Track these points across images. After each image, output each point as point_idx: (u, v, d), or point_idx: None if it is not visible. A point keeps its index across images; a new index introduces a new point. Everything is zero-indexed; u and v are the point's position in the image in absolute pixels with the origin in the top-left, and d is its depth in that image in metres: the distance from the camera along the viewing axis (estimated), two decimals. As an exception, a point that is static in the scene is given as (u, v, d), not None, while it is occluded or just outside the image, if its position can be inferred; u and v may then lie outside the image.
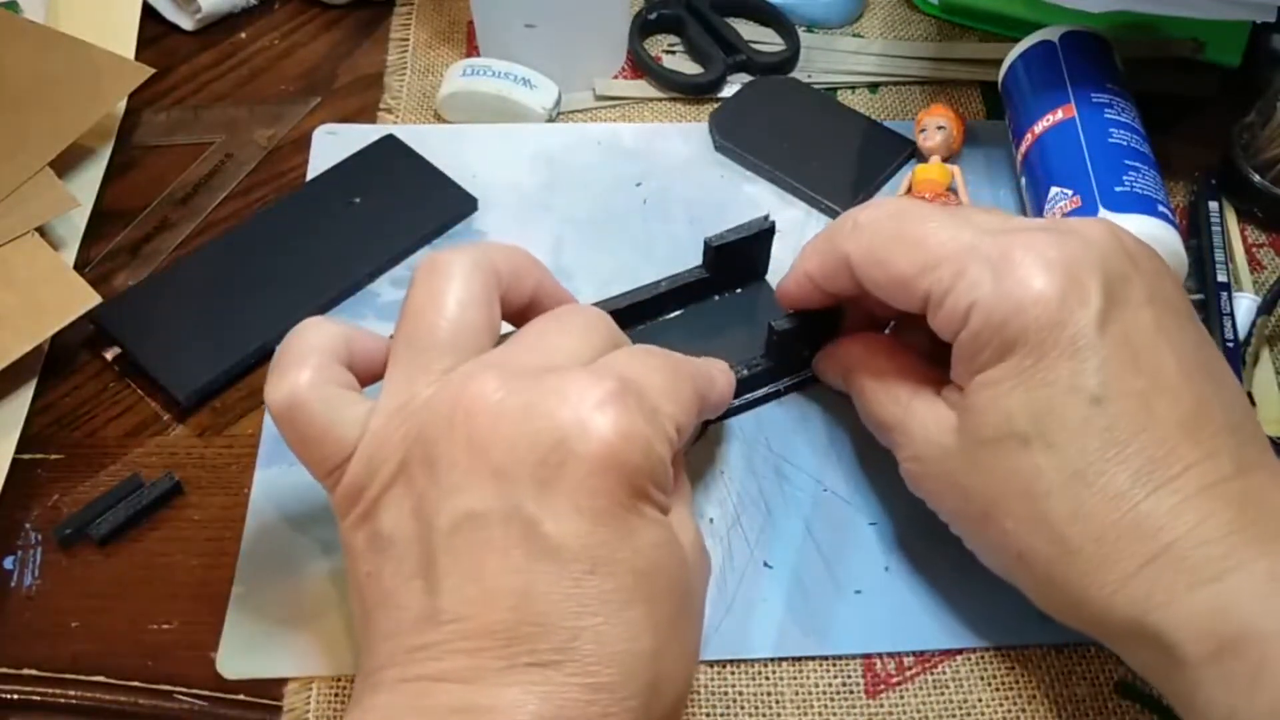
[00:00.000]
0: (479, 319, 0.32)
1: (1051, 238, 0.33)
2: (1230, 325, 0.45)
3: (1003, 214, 0.37)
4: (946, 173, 0.50)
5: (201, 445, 0.42)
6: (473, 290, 0.32)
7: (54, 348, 0.44)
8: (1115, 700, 0.37)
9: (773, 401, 0.43)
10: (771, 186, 0.51)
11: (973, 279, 0.33)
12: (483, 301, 0.32)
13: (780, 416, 0.43)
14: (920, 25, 0.59)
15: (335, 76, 0.56)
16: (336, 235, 0.47)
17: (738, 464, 0.41)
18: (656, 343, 0.43)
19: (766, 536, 0.40)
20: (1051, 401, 0.32)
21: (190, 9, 0.58)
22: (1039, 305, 0.32)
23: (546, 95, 0.52)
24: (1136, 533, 0.31)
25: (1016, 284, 0.32)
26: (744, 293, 0.46)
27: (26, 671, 0.37)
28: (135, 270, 0.48)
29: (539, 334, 0.33)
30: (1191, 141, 0.53)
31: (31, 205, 0.46)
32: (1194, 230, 0.49)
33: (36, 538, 0.39)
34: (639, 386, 0.30)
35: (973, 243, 0.34)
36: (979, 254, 0.33)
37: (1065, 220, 0.34)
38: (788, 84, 0.55)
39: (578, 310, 0.34)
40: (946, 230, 0.34)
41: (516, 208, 0.50)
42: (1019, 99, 0.50)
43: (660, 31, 0.58)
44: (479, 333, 0.32)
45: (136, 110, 0.54)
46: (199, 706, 0.36)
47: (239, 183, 0.51)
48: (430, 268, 0.32)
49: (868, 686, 0.37)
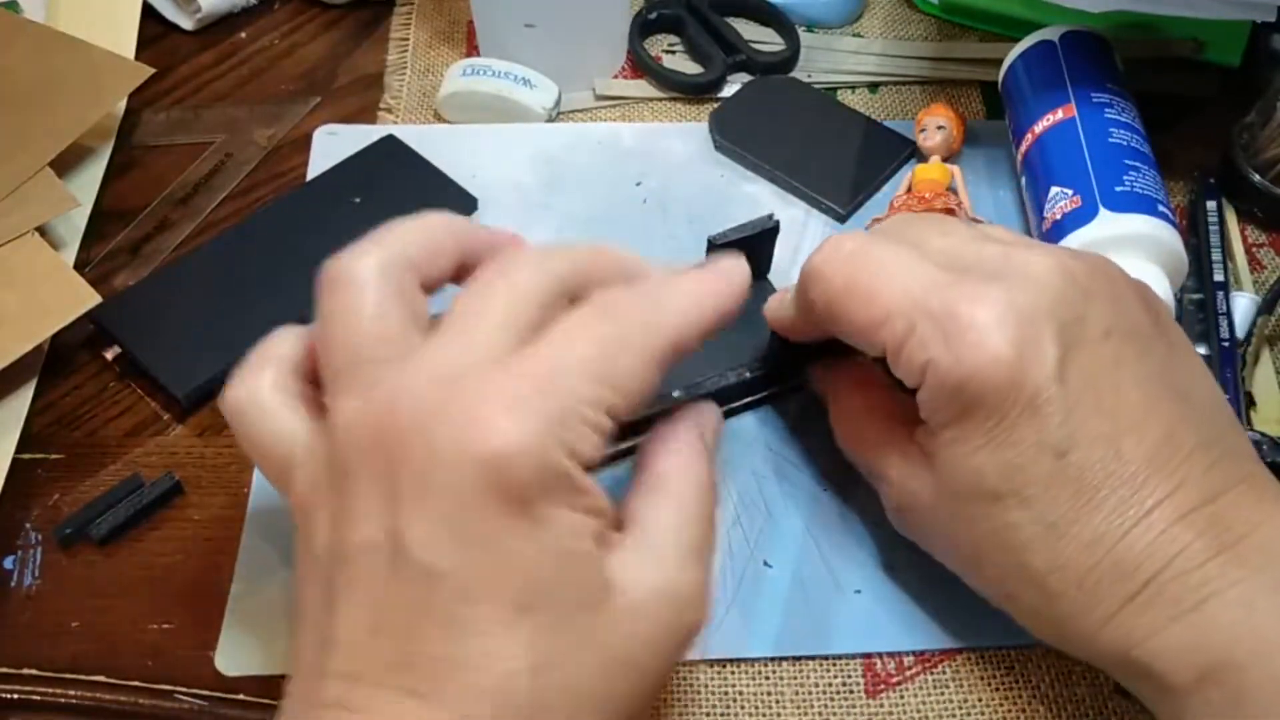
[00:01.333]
0: (393, 323, 0.30)
1: (999, 290, 0.32)
2: (1227, 325, 0.45)
3: (968, 236, 0.35)
4: (946, 173, 0.50)
5: (201, 445, 0.42)
6: (382, 294, 0.30)
7: (54, 348, 0.44)
8: (1115, 700, 0.37)
9: (773, 402, 0.43)
10: (771, 186, 0.51)
11: (922, 337, 0.32)
12: (395, 301, 0.30)
13: (780, 416, 0.43)
14: (920, 25, 0.59)
15: (335, 76, 0.56)
16: (337, 235, 0.47)
17: (738, 464, 0.41)
18: None
19: (767, 536, 0.40)
20: (1020, 460, 0.32)
21: (190, 9, 0.58)
22: (994, 367, 0.31)
23: (546, 95, 0.52)
24: (1115, 574, 0.31)
25: (968, 347, 0.31)
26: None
27: (26, 671, 0.37)
28: (135, 270, 0.48)
29: (462, 315, 0.30)
30: (1191, 141, 0.53)
31: (31, 205, 0.46)
32: (1194, 230, 0.49)
33: (36, 538, 0.39)
34: (554, 375, 0.28)
35: (921, 297, 0.32)
36: (927, 311, 0.32)
37: (1013, 258, 0.33)
38: (788, 84, 0.55)
39: (505, 273, 0.31)
40: (897, 280, 0.33)
41: (516, 208, 0.50)
42: (1019, 99, 0.50)
43: (660, 31, 0.58)
44: (394, 339, 0.30)
45: (136, 110, 0.54)
46: (199, 706, 0.36)
47: (239, 183, 0.51)
48: (333, 280, 0.31)
49: (868, 686, 0.37)
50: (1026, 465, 0.32)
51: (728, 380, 0.41)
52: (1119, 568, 0.31)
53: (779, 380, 0.43)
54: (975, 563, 0.34)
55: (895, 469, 0.36)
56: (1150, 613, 0.30)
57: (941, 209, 0.48)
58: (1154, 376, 0.33)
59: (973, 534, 0.33)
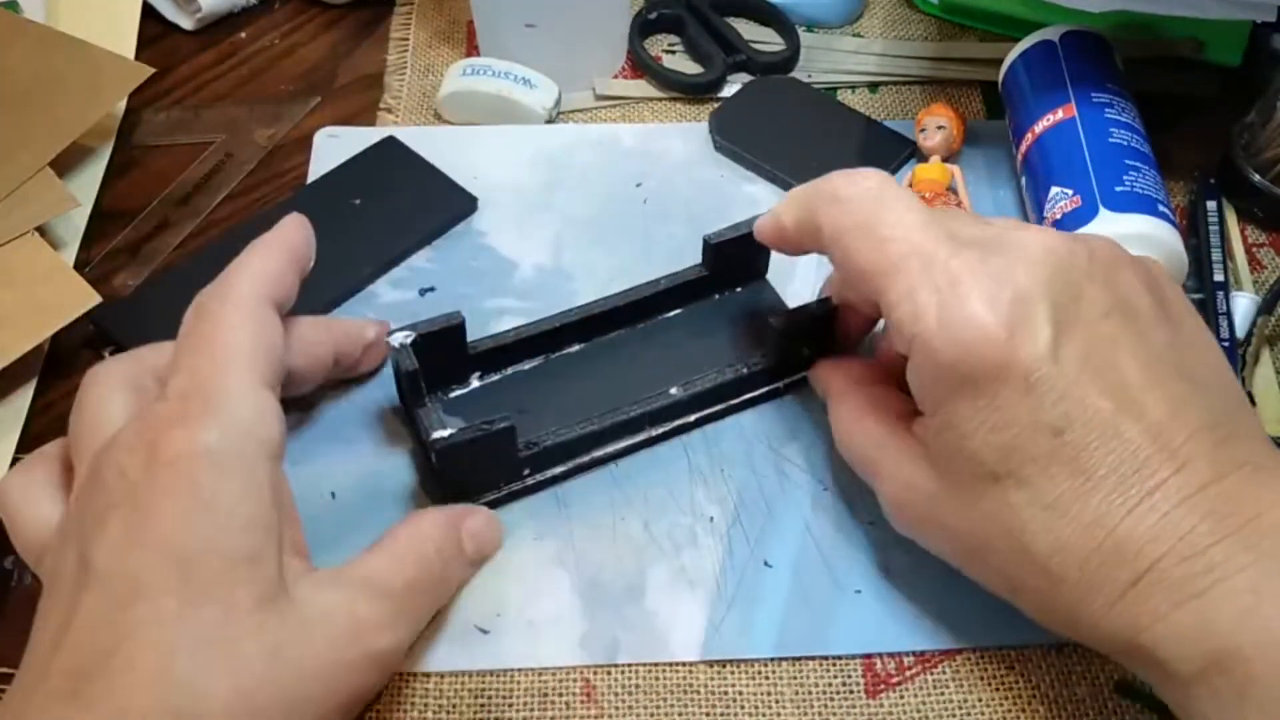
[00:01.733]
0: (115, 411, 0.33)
1: (995, 266, 0.32)
2: (1227, 325, 0.45)
3: (969, 217, 0.36)
4: (946, 173, 0.50)
5: (201, 445, 0.42)
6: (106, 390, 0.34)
7: (54, 348, 0.44)
8: (1115, 700, 0.37)
9: (773, 400, 0.43)
10: (771, 186, 0.51)
11: (920, 304, 0.32)
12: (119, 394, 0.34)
13: (780, 415, 0.43)
14: (920, 25, 0.59)
15: (335, 76, 0.56)
16: (337, 236, 0.47)
17: (738, 462, 0.41)
18: (656, 341, 0.44)
19: (767, 536, 0.40)
20: (1016, 440, 0.31)
21: (190, 9, 0.58)
22: (986, 345, 0.31)
23: (546, 95, 0.52)
24: (1118, 557, 0.30)
25: (962, 323, 0.31)
26: (744, 291, 0.46)
27: (26, 671, 0.37)
28: (135, 270, 0.48)
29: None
30: (1191, 141, 0.53)
31: (31, 205, 0.46)
32: (1194, 230, 0.49)
33: (36, 538, 0.39)
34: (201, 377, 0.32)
35: (929, 258, 0.33)
36: (930, 275, 0.32)
37: (1008, 238, 0.33)
38: (788, 84, 0.55)
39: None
40: (913, 234, 0.33)
41: (516, 208, 0.50)
42: (1019, 99, 0.50)
43: (660, 31, 0.58)
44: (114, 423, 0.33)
45: (136, 110, 0.54)
46: (199, 706, 0.36)
47: (239, 183, 0.51)
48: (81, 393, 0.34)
49: (868, 686, 0.37)
50: (1022, 445, 0.31)
51: (725, 377, 0.41)
52: (1121, 551, 0.30)
53: (779, 375, 0.43)
54: (978, 552, 0.34)
55: (893, 463, 0.36)
56: (1154, 598, 0.30)
57: (941, 209, 0.48)
58: (1156, 356, 0.32)
59: (973, 520, 0.33)
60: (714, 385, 0.41)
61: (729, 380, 0.41)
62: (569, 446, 0.40)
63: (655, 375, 0.42)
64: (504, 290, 0.47)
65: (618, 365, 0.43)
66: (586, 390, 0.42)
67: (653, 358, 0.43)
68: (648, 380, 0.42)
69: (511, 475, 0.39)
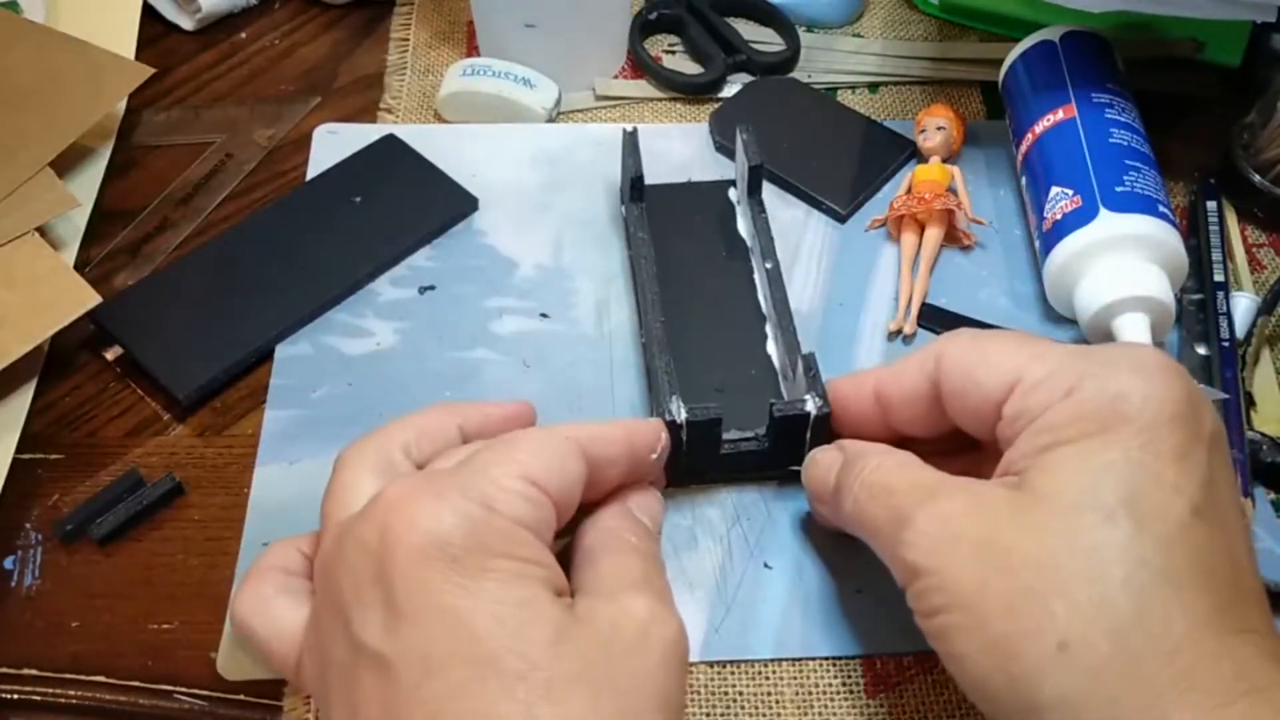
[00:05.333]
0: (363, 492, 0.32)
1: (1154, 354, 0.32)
2: (1227, 325, 0.45)
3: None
4: (946, 173, 0.50)
5: (202, 445, 0.42)
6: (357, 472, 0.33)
7: (54, 348, 0.44)
8: (1115, 700, 0.36)
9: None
10: (771, 186, 0.51)
11: (1082, 368, 0.31)
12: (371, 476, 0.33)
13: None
14: (920, 25, 0.59)
15: (335, 76, 0.56)
16: (337, 235, 0.47)
17: (738, 464, 0.41)
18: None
19: (767, 537, 0.40)
20: (1152, 492, 0.29)
21: (190, 9, 0.58)
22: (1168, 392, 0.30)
23: (546, 95, 0.52)
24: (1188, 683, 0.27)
25: (1147, 375, 0.31)
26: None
27: (26, 671, 0.37)
28: (135, 270, 0.48)
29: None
30: (1191, 141, 0.53)
31: (31, 205, 0.46)
32: (1194, 230, 0.49)
33: (37, 537, 0.39)
34: (469, 470, 0.31)
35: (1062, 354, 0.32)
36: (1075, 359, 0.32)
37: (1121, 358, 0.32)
38: (788, 84, 0.55)
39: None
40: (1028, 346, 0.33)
41: (516, 208, 0.50)
42: (1019, 99, 0.50)
43: (660, 31, 0.58)
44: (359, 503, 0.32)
45: (136, 110, 0.54)
46: (199, 706, 0.36)
47: (239, 183, 0.51)
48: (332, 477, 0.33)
49: (868, 686, 0.37)
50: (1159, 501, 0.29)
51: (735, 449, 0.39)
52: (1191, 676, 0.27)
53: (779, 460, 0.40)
54: (1039, 592, 0.29)
55: (945, 501, 0.32)
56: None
57: (941, 210, 0.48)
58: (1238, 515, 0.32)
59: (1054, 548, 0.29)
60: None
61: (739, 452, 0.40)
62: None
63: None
64: (504, 289, 0.47)
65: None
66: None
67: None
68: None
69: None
